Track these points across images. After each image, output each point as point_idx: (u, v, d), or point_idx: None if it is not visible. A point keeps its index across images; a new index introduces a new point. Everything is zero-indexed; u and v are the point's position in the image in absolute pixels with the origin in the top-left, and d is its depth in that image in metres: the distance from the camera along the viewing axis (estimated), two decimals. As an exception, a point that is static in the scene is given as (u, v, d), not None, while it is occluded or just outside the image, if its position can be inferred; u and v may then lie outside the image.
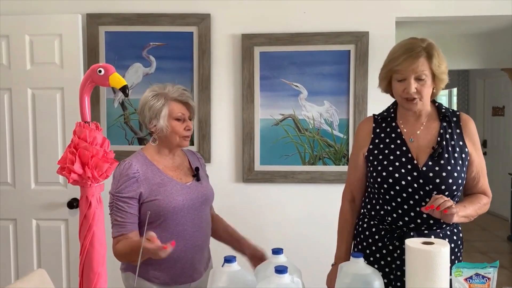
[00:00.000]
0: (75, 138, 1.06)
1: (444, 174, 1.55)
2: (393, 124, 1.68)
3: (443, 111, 1.65)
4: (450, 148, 1.59)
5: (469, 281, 1.30)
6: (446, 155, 1.58)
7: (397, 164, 1.60)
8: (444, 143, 1.59)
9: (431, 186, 1.55)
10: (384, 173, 1.61)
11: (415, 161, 1.59)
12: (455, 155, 1.59)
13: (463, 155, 1.60)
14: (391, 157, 1.62)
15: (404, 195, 1.58)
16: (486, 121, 6.82)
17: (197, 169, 1.81)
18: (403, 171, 1.58)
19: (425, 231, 1.57)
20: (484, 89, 6.97)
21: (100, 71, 1.08)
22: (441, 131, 1.62)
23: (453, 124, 1.64)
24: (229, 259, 1.33)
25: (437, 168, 1.56)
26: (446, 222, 1.50)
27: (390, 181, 1.59)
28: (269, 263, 1.38)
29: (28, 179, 2.55)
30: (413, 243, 1.29)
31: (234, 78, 2.65)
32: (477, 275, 1.30)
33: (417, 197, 1.56)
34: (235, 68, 2.64)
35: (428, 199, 1.54)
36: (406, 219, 1.59)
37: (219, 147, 2.67)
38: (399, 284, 1.58)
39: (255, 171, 2.65)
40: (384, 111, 1.75)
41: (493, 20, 4.11)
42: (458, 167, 1.57)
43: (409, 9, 2.59)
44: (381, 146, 1.66)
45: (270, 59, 2.61)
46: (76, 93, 1.19)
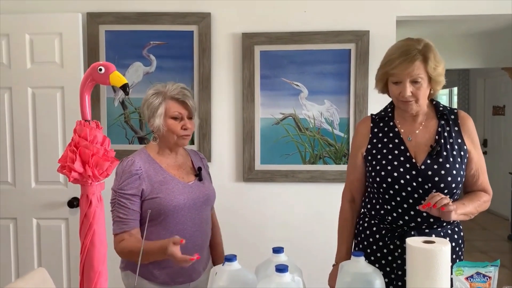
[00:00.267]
0: (75, 136, 1.06)
1: (442, 172, 1.55)
2: (391, 123, 1.68)
3: (441, 109, 1.65)
4: (448, 146, 1.59)
5: (470, 280, 1.30)
6: (444, 153, 1.57)
7: (395, 163, 1.60)
8: (442, 141, 1.59)
9: (430, 184, 1.55)
10: (383, 173, 1.61)
11: (414, 160, 1.58)
12: (454, 153, 1.58)
13: (462, 153, 1.59)
14: (390, 157, 1.62)
15: (403, 194, 1.57)
16: (486, 121, 6.82)
17: (200, 169, 1.81)
18: (401, 170, 1.58)
19: (426, 230, 1.57)
20: (484, 89, 6.97)
21: (100, 70, 1.07)
22: (439, 129, 1.61)
23: (451, 122, 1.63)
24: (229, 258, 1.33)
25: (435, 166, 1.56)
26: (445, 220, 1.50)
27: (389, 180, 1.59)
28: (270, 262, 1.38)
29: (28, 178, 2.55)
30: (414, 242, 1.29)
31: (234, 77, 2.64)
32: (478, 274, 1.30)
33: (416, 195, 1.56)
34: (235, 67, 2.64)
35: (427, 198, 1.54)
36: (406, 218, 1.58)
37: (219, 146, 2.67)
38: (400, 283, 1.58)
39: (255, 170, 2.64)
40: (381, 111, 1.74)
41: (494, 19, 4.10)
42: (457, 165, 1.57)
43: (410, 8, 2.59)
44: (379, 145, 1.66)
45: (270, 58, 2.60)
46: (76, 92, 1.19)
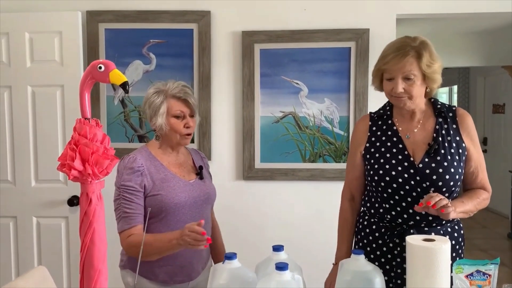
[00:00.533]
0: (75, 134, 1.05)
1: (440, 170, 1.54)
2: (389, 121, 1.68)
3: (439, 107, 1.64)
4: (446, 144, 1.58)
5: (470, 278, 1.30)
6: (442, 151, 1.56)
7: (393, 162, 1.59)
8: (440, 139, 1.58)
9: (428, 183, 1.54)
10: (381, 171, 1.60)
11: (412, 158, 1.58)
12: (452, 151, 1.57)
13: (460, 151, 1.59)
14: (388, 155, 1.62)
15: (401, 192, 1.57)
16: (486, 119, 6.81)
17: (201, 167, 1.81)
18: (399, 168, 1.58)
19: (425, 228, 1.57)
20: (484, 87, 6.96)
21: (100, 68, 1.07)
22: (437, 127, 1.61)
23: (449, 119, 1.62)
24: (229, 256, 1.33)
25: (433, 164, 1.55)
26: (444, 218, 1.50)
27: (387, 179, 1.59)
28: (270, 260, 1.38)
29: (28, 176, 2.55)
30: (414, 240, 1.29)
31: (234, 75, 2.64)
32: (478, 272, 1.30)
33: (414, 194, 1.56)
34: (235, 65, 2.63)
35: (424, 197, 1.53)
36: (405, 216, 1.58)
37: (219, 144, 2.67)
38: (399, 281, 1.58)
39: (255, 169, 2.64)
40: (380, 109, 1.74)
41: (494, 17, 4.10)
42: (455, 163, 1.56)
43: (410, 6, 2.58)
44: (378, 144, 1.66)
45: (270, 56, 2.60)
46: (76, 90, 1.19)
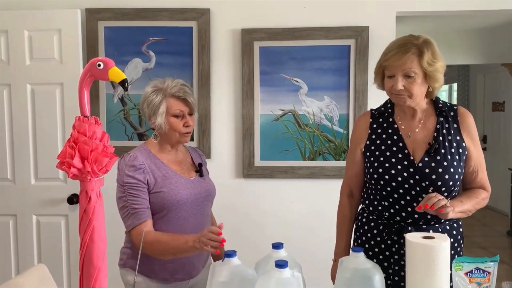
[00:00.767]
0: (74, 132, 1.05)
1: (440, 170, 1.54)
2: (390, 119, 1.67)
3: (440, 106, 1.63)
4: (447, 143, 1.58)
5: (470, 275, 1.30)
6: (442, 151, 1.56)
7: (393, 160, 1.59)
8: (440, 138, 1.58)
9: (427, 182, 1.54)
10: (380, 170, 1.60)
11: (411, 157, 1.57)
12: (452, 150, 1.57)
13: (460, 150, 1.58)
14: (388, 153, 1.61)
15: (400, 191, 1.57)
16: (486, 117, 6.81)
17: (200, 165, 1.82)
18: (399, 167, 1.58)
19: (423, 226, 1.57)
20: (484, 84, 6.96)
21: (99, 65, 1.07)
22: (438, 126, 1.60)
23: (450, 118, 1.61)
24: (229, 254, 1.33)
25: (433, 164, 1.55)
26: (442, 218, 1.50)
27: (386, 177, 1.58)
28: (270, 258, 1.38)
29: (28, 175, 2.55)
30: (413, 238, 1.29)
31: (234, 73, 2.64)
32: (477, 269, 1.30)
33: (413, 192, 1.56)
34: (235, 63, 2.63)
35: (424, 195, 1.53)
36: (403, 214, 1.58)
37: (219, 142, 2.67)
38: (397, 278, 1.58)
39: (255, 167, 2.64)
40: (381, 106, 1.73)
41: (494, 15, 4.10)
42: (454, 163, 1.56)
43: (409, 4, 2.58)
44: (378, 141, 1.66)
45: (270, 54, 2.60)
46: (75, 88, 1.19)
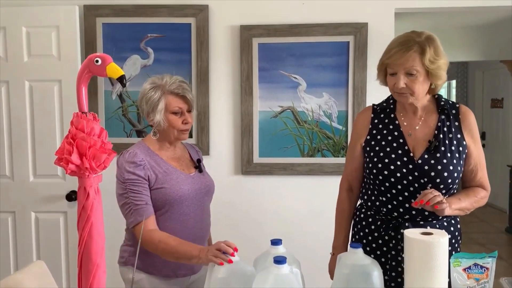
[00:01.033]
0: (72, 128, 1.05)
1: (439, 167, 1.54)
2: (392, 115, 1.67)
3: (442, 103, 1.63)
4: (447, 141, 1.58)
5: (468, 271, 1.30)
6: (442, 148, 1.56)
7: (393, 156, 1.59)
8: (441, 136, 1.58)
9: (426, 179, 1.54)
10: (379, 165, 1.60)
11: (411, 154, 1.58)
12: (452, 148, 1.57)
13: (461, 148, 1.58)
14: (388, 149, 1.62)
15: (399, 187, 1.57)
16: (485, 113, 6.82)
17: (199, 160, 1.82)
18: (398, 163, 1.58)
19: (421, 222, 1.57)
20: (483, 81, 6.96)
21: (97, 61, 1.07)
22: (439, 124, 1.60)
23: (452, 116, 1.61)
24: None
25: (432, 161, 1.55)
26: (439, 215, 1.50)
27: (385, 173, 1.59)
28: (268, 254, 1.38)
29: (26, 171, 2.55)
30: (412, 234, 1.29)
31: (232, 70, 2.63)
32: (475, 265, 1.30)
33: (412, 189, 1.56)
34: (233, 59, 2.63)
35: (420, 194, 1.54)
36: (400, 210, 1.59)
37: (218, 139, 2.67)
38: (393, 274, 1.59)
39: (254, 163, 2.64)
40: (383, 102, 1.73)
41: (493, 11, 4.09)
42: (454, 161, 1.56)
43: (408, 1, 2.57)
44: (379, 137, 1.66)
45: (268, 51, 2.59)
46: (74, 85, 1.18)
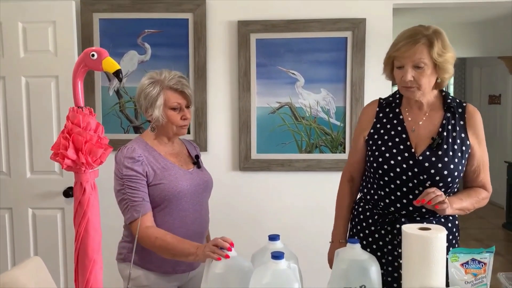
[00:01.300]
0: (68, 123, 1.04)
1: (439, 165, 1.53)
2: (397, 110, 1.66)
3: (448, 101, 1.61)
4: (450, 139, 1.57)
5: (465, 266, 1.31)
6: (445, 146, 1.55)
7: (394, 151, 1.59)
8: (445, 134, 1.57)
9: (425, 176, 1.54)
10: (380, 159, 1.60)
11: (413, 150, 1.57)
12: (455, 147, 1.56)
13: (464, 148, 1.57)
14: (390, 144, 1.61)
15: (397, 182, 1.57)
16: (482, 110, 6.74)
17: (197, 156, 1.81)
18: (399, 158, 1.57)
19: (417, 218, 1.57)
20: (480, 77, 6.96)
21: (93, 55, 1.06)
22: (444, 121, 1.59)
23: (458, 115, 1.60)
24: (225, 246, 1.33)
25: (433, 158, 1.54)
26: (439, 214, 1.50)
27: (385, 167, 1.59)
28: (266, 250, 1.38)
29: (23, 168, 2.54)
30: (409, 229, 1.29)
31: (230, 65, 2.62)
32: (473, 260, 1.31)
33: (410, 185, 1.56)
34: (231, 55, 2.62)
35: (421, 188, 1.53)
36: (398, 205, 1.59)
37: (215, 135, 2.66)
38: (390, 268, 1.58)
39: (251, 160, 2.64)
40: (390, 96, 1.72)
41: (491, 7, 4.09)
42: (455, 159, 1.55)
43: (407, -4, 2.57)
44: (382, 131, 1.65)
45: (266, 46, 2.58)
46: (70, 81, 1.17)
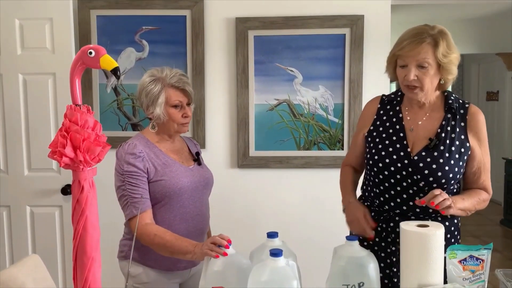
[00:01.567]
0: (66, 121, 1.04)
1: (434, 166, 1.52)
2: (397, 108, 1.66)
3: (450, 102, 1.59)
4: (448, 141, 1.55)
5: (463, 263, 1.31)
6: (442, 148, 1.54)
7: (390, 149, 1.59)
8: (443, 135, 1.56)
9: (419, 176, 1.53)
10: (376, 157, 1.60)
11: (409, 149, 1.57)
12: (452, 148, 1.54)
13: (462, 150, 1.55)
14: (387, 142, 1.61)
15: (392, 180, 1.57)
16: (480, 106, 6.71)
17: (198, 153, 1.82)
18: (394, 157, 1.57)
19: (412, 217, 1.57)
20: (478, 74, 6.97)
21: (90, 53, 1.05)
22: (443, 122, 1.58)
23: (459, 116, 1.58)
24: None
25: (428, 159, 1.53)
26: (443, 213, 1.47)
27: (380, 165, 1.59)
28: (264, 247, 1.38)
29: (21, 165, 2.53)
30: (408, 226, 1.29)
31: (228, 62, 2.62)
32: (471, 257, 1.31)
33: (404, 184, 1.55)
34: (229, 52, 2.61)
35: (415, 188, 1.53)
36: (392, 204, 1.59)
37: (213, 132, 2.66)
38: (382, 265, 1.59)
39: (250, 157, 2.64)
40: (392, 93, 1.72)
41: (489, 4, 4.09)
42: (452, 161, 1.53)
43: (405, -8, 2.57)
44: (381, 129, 1.65)
45: (264, 43, 2.58)
46: (68, 78, 1.17)
